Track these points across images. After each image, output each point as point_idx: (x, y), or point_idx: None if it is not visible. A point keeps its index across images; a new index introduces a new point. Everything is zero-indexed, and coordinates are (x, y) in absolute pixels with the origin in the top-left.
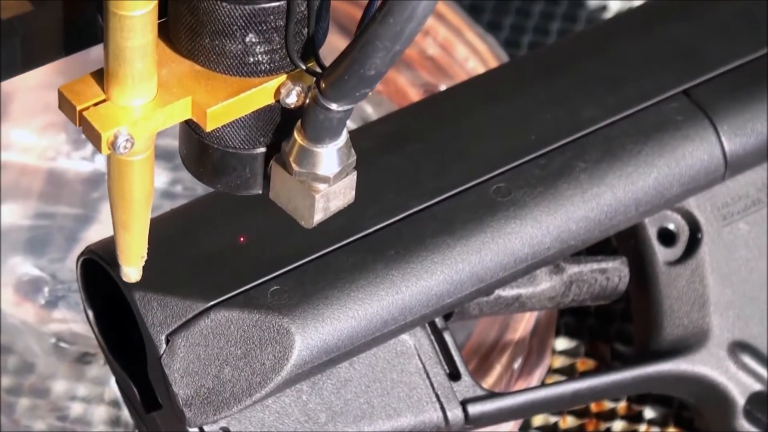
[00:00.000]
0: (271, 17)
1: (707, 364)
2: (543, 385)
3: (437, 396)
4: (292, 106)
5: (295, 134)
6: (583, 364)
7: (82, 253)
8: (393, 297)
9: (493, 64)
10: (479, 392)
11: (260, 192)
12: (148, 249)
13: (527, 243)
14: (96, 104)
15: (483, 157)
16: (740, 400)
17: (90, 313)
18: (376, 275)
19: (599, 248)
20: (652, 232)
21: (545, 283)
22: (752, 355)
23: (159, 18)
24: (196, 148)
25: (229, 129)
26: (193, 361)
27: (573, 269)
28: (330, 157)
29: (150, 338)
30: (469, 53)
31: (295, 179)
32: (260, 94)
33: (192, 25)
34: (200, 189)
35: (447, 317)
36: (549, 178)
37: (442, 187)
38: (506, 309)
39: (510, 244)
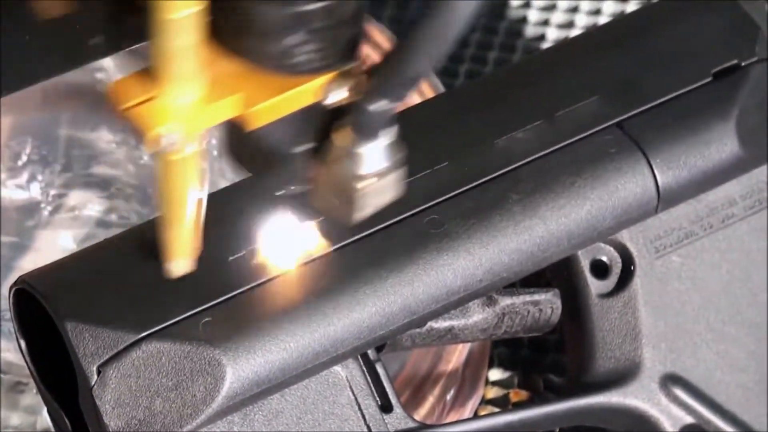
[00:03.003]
0: (317, 18)
1: (639, 397)
2: (475, 416)
3: (369, 428)
4: (335, 105)
5: (338, 133)
6: (517, 395)
7: (15, 283)
8: (325, 329)
9: (429, 93)
10: (411, 424)
11: (301, 189)
12: (82, 277)
13: (459, 275)
14: (143, 102)
15: (416, 188)
16: None
17: (22, 343)
18: (308, 307)
19: (533, 280)
20: (585, 265)
21: (477, 315)
22: (684, 388)
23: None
24: (241, 143)
25: (271, 128)
26: (125, 392)
27: (505, 301)
28: (376, 153)
29: (81, 369)
30: None
31: (338, 177)
32: (304, 94)
33: (238, 26)
34: (135, 218)
35: (379, 349)
36: (482, 210)
37: (375, 218)
38: (439, 340)
39: (442, 277)
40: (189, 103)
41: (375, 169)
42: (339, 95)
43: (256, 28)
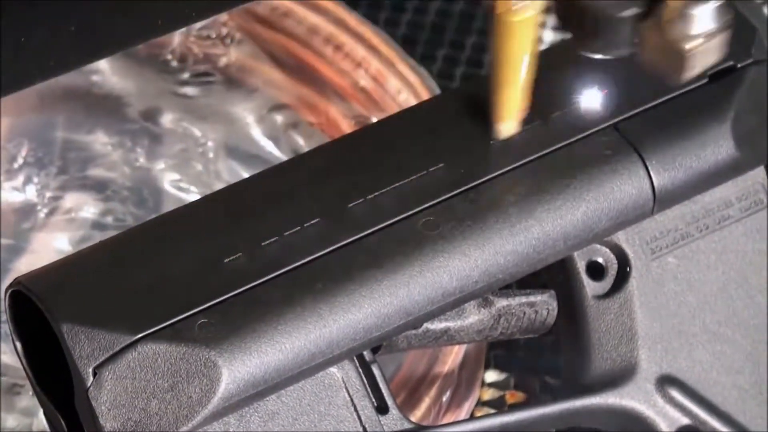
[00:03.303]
0: None
1: (635, 398)
2: (471, 418)
3: (365, 429)
4: None
5: None
6: (513, 396)
7: (11, 285)
8: (320, 330)
9: (426, 96)
10: (407, 426)
11: (626, 53)
12: (78, 278)
13: (455, 277)
14: None
15: (411, 190)
16: None
17: (18, 345)
18: (303, 308)
19: (529, 282)
20: (581, 266)
21: (473, 317)
22: (680, 389)
23: None
24: (576, 11)
25: None
26: (120, 393)
27: (501, 302)
28: (706, 14)
29: (77, 370)
30: (401, 85)
31: (668, 39)
32: None
33: None
34: (130, 220)
35: (375, 350)
36: (478, 212)
37: (370, 220)
38: (435, 342)
39: (438, 278)
40: None
41: (704, 29)
42: None
43: None
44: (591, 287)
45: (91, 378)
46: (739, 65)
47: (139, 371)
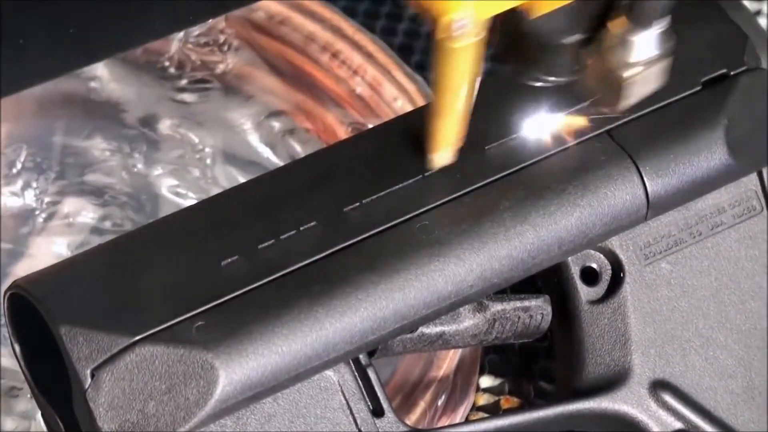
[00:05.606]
0: None
1: (628, 402)
2: (466, 421)
3: None
4: None
5: (614, 21)
6: (507, 401)
7: (9, 288)
8: (317, 333)
9: (421, 103)
10: (402, 429)
11: (564, 81)
12: (76, 281)
13: (450, 281)
14: None
15: (408, 194)
16: None
17: (17, 348)
18: (300, 311)
19: (523, 286)
20: (575, 271)
21: (468, 321)
22: (673, 394)
23: None
24: (517, 37)
25: (549, 17)
26: (118, 395)
27: (496, 307)
28: (648, 41)
29: (75, 372)
30: (397, 93)
31: (608, 66)
32: None
33: None
34: (129, 225)
35: (371, 354)
36: (473, 216)
37: (367, 224)
38: (430, 346)
39: (433, 282)
40: None
41: (645, 57)
42: None
43: None
44: (585, 292)
45: (89, 380)
46: (731, 73)
47: (136, 373)
